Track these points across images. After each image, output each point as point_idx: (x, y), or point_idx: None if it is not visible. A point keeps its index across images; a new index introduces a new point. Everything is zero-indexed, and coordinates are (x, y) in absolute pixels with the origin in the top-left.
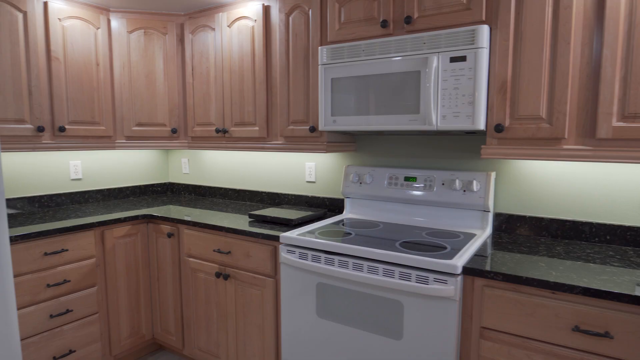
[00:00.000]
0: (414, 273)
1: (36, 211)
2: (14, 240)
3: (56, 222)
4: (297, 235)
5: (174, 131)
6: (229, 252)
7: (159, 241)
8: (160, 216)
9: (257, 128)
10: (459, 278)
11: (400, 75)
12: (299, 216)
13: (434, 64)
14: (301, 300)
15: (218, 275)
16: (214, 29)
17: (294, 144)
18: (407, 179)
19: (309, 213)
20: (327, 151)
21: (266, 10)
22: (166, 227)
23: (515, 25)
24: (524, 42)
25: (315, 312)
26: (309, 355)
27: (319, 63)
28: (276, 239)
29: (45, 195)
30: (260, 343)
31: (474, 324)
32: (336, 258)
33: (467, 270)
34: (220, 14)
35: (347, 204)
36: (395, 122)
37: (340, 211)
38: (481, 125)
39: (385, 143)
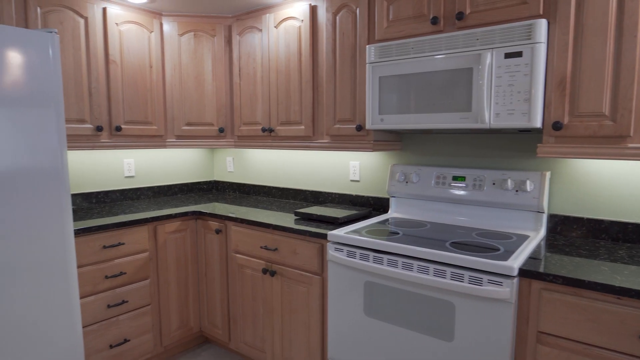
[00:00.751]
0: (466, 274)
1: (93, 207)
2: (76, 233)
3: (112, 217)
4: (345, 233)
5: (221, 130)
6: (276, 249)
7: (207, 237)
8: (209, 213)
9: (302, 127)
10: (515, 280)
11: (451, 73)
12: (345, 215)
13: (488, 61)
14: (348, 299)
15: (265, 271)
16: (260, 30)
17: (340, 142)
18: (455, 178)
19: (354, 212)
20: (373, 150)
21: (313, 10)
22: (214, 224)
23: (575, 19)
24: (585, 36)
25: (362, 311)
26: (355, 354)
27: (367, 62)
28: (323, 236)
29: (101, 192)
30: (306, 339)
31: (530, 328)
32: (385, 257)
33: (524, 273)
34: (267, 15)
35: (393, 203)
36: (445, 120)
37: (385, 210)
38: (537, 123)
39: (433, 142)
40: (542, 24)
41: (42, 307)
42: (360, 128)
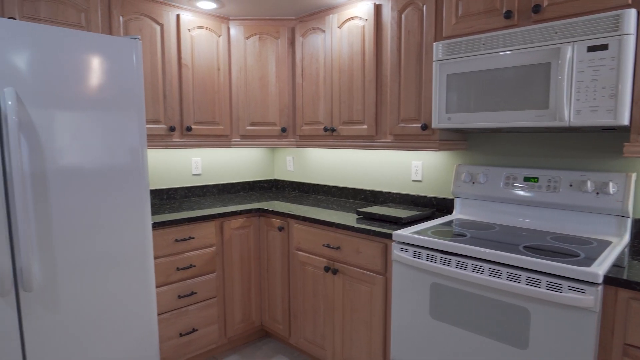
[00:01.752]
0: (543, 279)
1: (164, 203)
2: (153, 227)
3: (183, 212)
4: (410, 233)
5: (283, 130)
6: (338, 248)
7: (270, 234)
8: (272, 210)
9: (365, 126)
10: (600, 288)
11: (526, 69)
12: (408, 215)
13: (568, 55)
14: (413, 300)
15: (327, 269)
16: (324, 31)
17: (404, 142)
18: (527, 179)
19: (417, 212)
20: (439, 149)
21: (377, 9)
22: (277, 221)
23: None
24: None
25: (428, 313)
26: (420, 356)
27: (434, 59)
28: (387, 236)
29: (171, 189)
30: (368, 339)
31: (615, 339)
32: (453, 258)
33: (610, 280)
34: (331, 15)
35: (457, 204)
36: (518, 118)
37: (449, 211)
38: (625, 120)
39: (502, 141)
40: (632, 14)
41: (123, 295)
42: (425, 127)
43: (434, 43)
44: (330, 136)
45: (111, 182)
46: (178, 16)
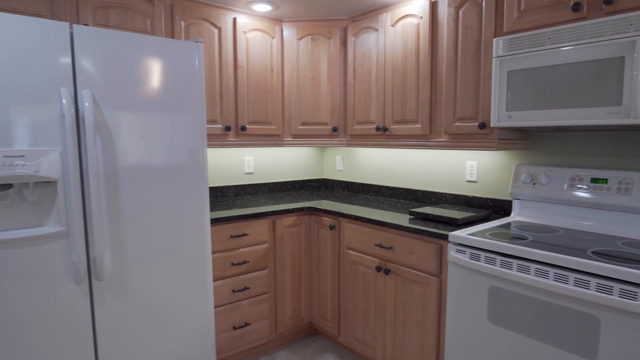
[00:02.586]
0: (616, 286)
1: (218, 200)
2: (210, 223)
3: (236, 209)
4: (467, 234)
5: (334, 129)
6: (391, 248)
7: (320, 232)
8: (323, 209)
9: (419, 125)
10: None
11: (596, 63)
12: (464, 216)
13: None
14: (470, 303)
15: (378, 269)
16: (376, 30)
17: (460, 141)
18: (594, 180)
19: (473, 213)
20: (497, 149)
21: (433, 6)
22: (328, 220)
23: None
24: None
25: (486, 317)
26: None
27: (493, 56)
28: (443, 237)
29: (225, 186)
30: (420, 341)
31: None
32: (515, 262)
33: None
34: (384, 14)
35: (516, 206)
36: (588, 116)
37: (506, 213)
38: None
39: (566, 140)
40: None
41: (183, 287)
42: (483, 126)
43: (494, 39)
44: (382, 135)
45: (174, 179)
46: (235, 19)
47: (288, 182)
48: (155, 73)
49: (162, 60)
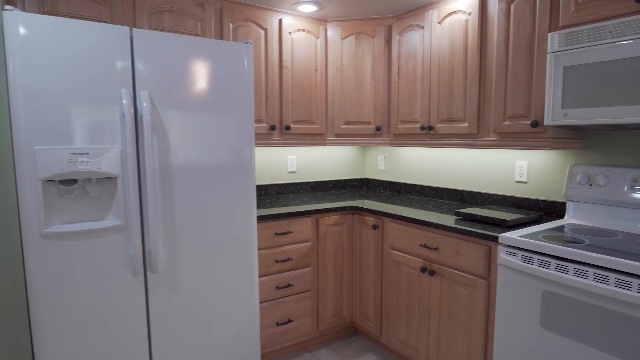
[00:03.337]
0: None
1: (262, 198)
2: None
3: (280, 207)
4: (519, 236)
5: (377, 129)
6: (436, 249)
7: (363, 232)
8: (366, 208)
9: (466, 124)
10: None
11: None
12: (514, 218)
13: None
14: (521, 307)
15: (423, 270)
16: (422, 27)
17: (510, 140)
18: None
19: (523, 215)
20: (551, 148)
21: (482, 1)
22: (371, 219)
23: None
24: None
25: (539, 323)
26: None
27: (548, 51)
28: (492, 239)
29: (268, 185)
30: (466, 344)
31: None
32: (571, 266)
33: None
34: (431, 11)
35: (570, 207)
36: None
37: (559, 215)
38: None
39: (627, 139)
40: None
41: (231, 282)
42: (536, 124)
43: (549, 34)
44: (427, 134)
45: (223, 177)
46: (280, 20)
47: (330, 182)
48: (207, 74)
49: (214, 62)
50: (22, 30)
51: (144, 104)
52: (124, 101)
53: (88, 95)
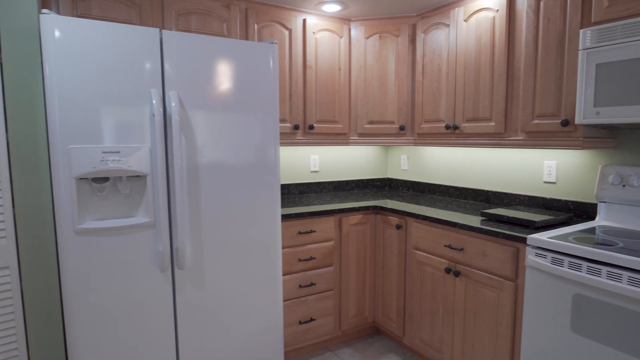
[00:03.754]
0: None
1: (285, 197)
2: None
3: (303, 207)
4: (549, 238)
5: (401, 128)
6: (462, 249)
7: (386, 232)
8: (389, 208)
9: (492, 123)
10: None
11: None
12: (542, 219)
13: None
14: (551, 310)
15: (448, 271)
16: (448, 25)
17: (538, 139)
18: None
19: (552, 216)
20: (582, 147)
21: None
22: (394, 219)
23: None
24: None
25: (569, 327)
26: None
27: (580, 48)
28: (520, 240)
29: (292, 184)
30: (492, 347)
31: None
32: (604, 269)
33: None
34: (457, 9)
35: (602, 209)
36: None
37: (589, 217)
38: None
39: None
40: None
41: (255, 280)
42: (566, 123)
43: (580, 30)
44: (452, 134)
45: (248, 176)
46: (304, 20)
47: (352, 181)
48: (233, 74)
49: (240, 62)
50: (57, 33)
51: (173, 104)
52: (154, 101)
53: (119, 95)
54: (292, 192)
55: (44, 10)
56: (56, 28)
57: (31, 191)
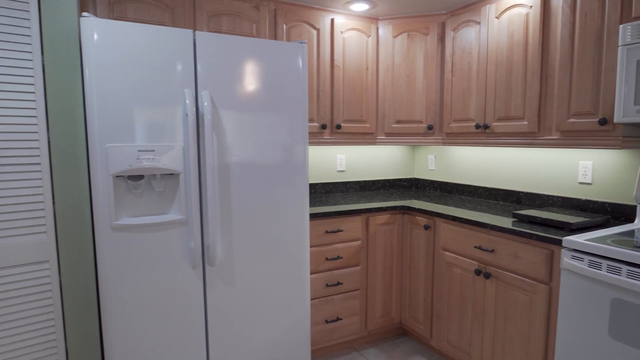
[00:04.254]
0: None
1: (312, 196)
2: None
3: (330, 206)
4: (586, 240)
5: (429, 128)
6: (492, 251)
7: (414, 232)
8: (418, 208)
9: (525, 122)
10: None
11: None
12: (578, 221)
13: None
14: (588, 315)
15: (477, 272)
16: (478, 23)
17: (574, 139)
18: None
19: (587, 218)
20: (621, 147)
21: None
22: (422, 219)
23: None
24: None
25: (607, 332)
26: None
27: (620, 44)
28: (555, 242)
29: (317, 183)
30: (524, 352)
31: None
32: None
33: None
34: (488, 6)
35: None
36: None
37: (628, 219)
38: None
39: None
40: None
41: (283, 278)
42: (604, 122)
43: (620, 25)
44: (482, 133)
45: (277, 175)
46: (332, 20)
47: (379, 181)
48: (263, 74)
49: (270, 62)
50: (96, 35)
51: (205, 104)
52: (187, 101)
53: (154, 95)
54: (318, 191)
55: (84, 14)
56: (96, 31)
57: (70, 188)
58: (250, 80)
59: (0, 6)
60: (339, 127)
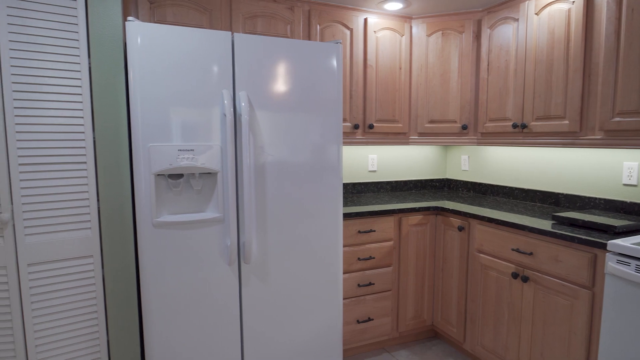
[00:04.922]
0: None
1: (343, 196)
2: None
3: (362, 206)
4: (633, 244)
5: (464, 127)
6: (531, 254)
7: (447, 233)
8: (451, 209)
9: (566, 122)
10: None
11: None
12: (622, 224)
13: None
14: (634, 322)
15: (515, 276)
16: (516, 20)
17: (619, 138)
18: None
19: (633, 222)
20: None
21: None
22: (456, 221)
23: None
24: None
25: None
26: None
27: None
28: (599, 245)
29: (349, 183)
30: (564, 359)
31: None
32: None
33: None
34: (527, 2)
35: None
36: None
37: None
38: None
39: None
40: None
41: (317, 277)
42: None
43: None
44: (520, 133)
45: (311, 175)
46: (365, 20)
47: (410, 181)
48: (299, 74)
49: (305, 62)
50: (140, 39)
51: (243, 104)
52: (225, 101)
53: (193, 96)
54: (349, 191)
55: (129, 18)
56: (140, 34)
57: (114, 186)
58: (286, 80)
59: (50, 12)
60: (371, 127)
